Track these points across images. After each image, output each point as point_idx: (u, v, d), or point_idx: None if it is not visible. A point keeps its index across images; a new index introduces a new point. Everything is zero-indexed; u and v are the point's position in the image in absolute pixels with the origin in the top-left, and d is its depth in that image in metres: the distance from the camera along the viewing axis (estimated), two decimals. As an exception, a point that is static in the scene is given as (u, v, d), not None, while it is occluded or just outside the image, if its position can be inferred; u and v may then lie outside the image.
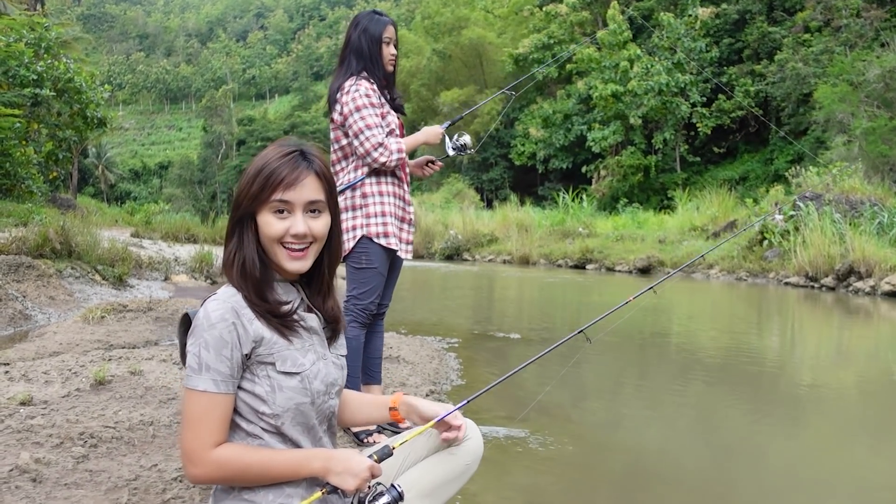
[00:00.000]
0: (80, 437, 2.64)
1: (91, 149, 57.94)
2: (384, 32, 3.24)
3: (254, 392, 1.59)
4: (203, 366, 1.53)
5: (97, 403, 3.12)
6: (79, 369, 3.66)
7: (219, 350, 1.53)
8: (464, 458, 1.84)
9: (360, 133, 3.12)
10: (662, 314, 9.40)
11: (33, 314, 6.25)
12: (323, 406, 1.69)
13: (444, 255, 23.16)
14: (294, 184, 1.60)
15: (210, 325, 1.54)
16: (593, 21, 37.34)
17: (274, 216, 1.60)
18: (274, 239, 1.61)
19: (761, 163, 29.49)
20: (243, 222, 1.62)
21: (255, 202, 1.60)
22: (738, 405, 4.55)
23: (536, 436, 3.46)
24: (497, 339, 6.59)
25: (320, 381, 1.67)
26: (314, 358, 1.68)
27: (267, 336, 1.60)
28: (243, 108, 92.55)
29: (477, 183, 39.73)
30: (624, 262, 17.24)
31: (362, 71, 3.22)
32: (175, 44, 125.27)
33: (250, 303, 1.60)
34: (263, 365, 1.60)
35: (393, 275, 3.38)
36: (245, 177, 1.63)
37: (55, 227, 8.03)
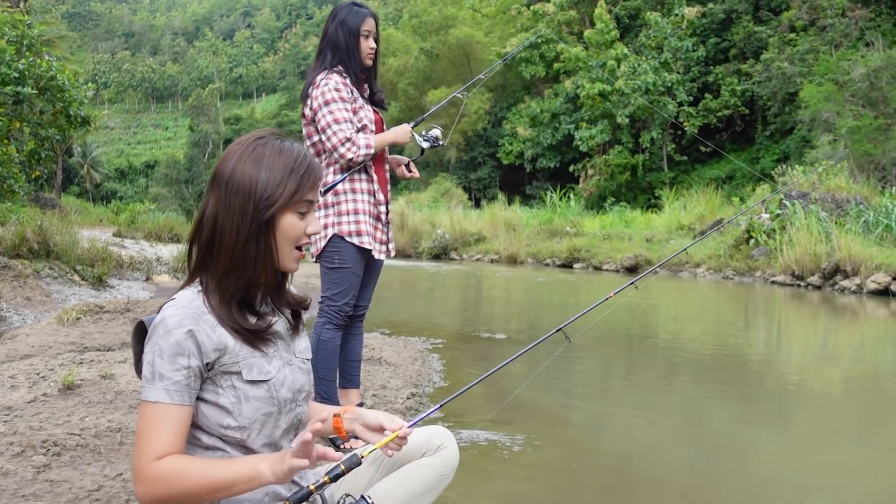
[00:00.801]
0: (43, 444, 2.53)
1: (76, 148, 57.36)
2: (363, 25, 3.14)
3: (218, 404, 1.48)
4: (156, 375, 1.41)
5: (64, 409, 3.01)
6: (47, 373, 3.55)
7: (174, 358, 1.42)
8: (438, 468, 1.75)
9: (328, 128, 3.03)
10: (649, 313, 9.35)
11: (8, 315, 6.12)
12: (290, 414, 1.59)
13: (432, 254, 23.07)
14: (318, 183, 1.56)
15: (166, 332, 1.43)
16: (580, 20, 37.32)
17: (297, 217, 1.52)
18: (295, 240, 1.53)
19: (747, 161, 29.56)
20: (269, 224, 1.50)
21: (289, 202, 1.50)
22: (725, 405, 4.49)
23: (520, 439, 3.37)
24: (482, 339, 6.51)
25: (287, 388, 1.57)
26: (280, 364, 1.58)
27: (231, 344, 1.49)
28: (230, 106, 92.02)
29: (465, 182, 39.64)
30: (611, 261, 17.20)
31: (338, 64, 3.12)
32: (161, 42, 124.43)
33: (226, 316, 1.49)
34: (228, 375, 1.49)
35: (371, 275, 3.28)
36: (272, 174, 1.50)
37: (33, 226, 7.89)
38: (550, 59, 36.00)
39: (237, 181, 1.50)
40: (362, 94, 3.21)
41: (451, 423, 3.60)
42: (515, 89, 41.49)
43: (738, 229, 14.96)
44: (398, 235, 24.58)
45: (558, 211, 24.54)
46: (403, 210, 26.15)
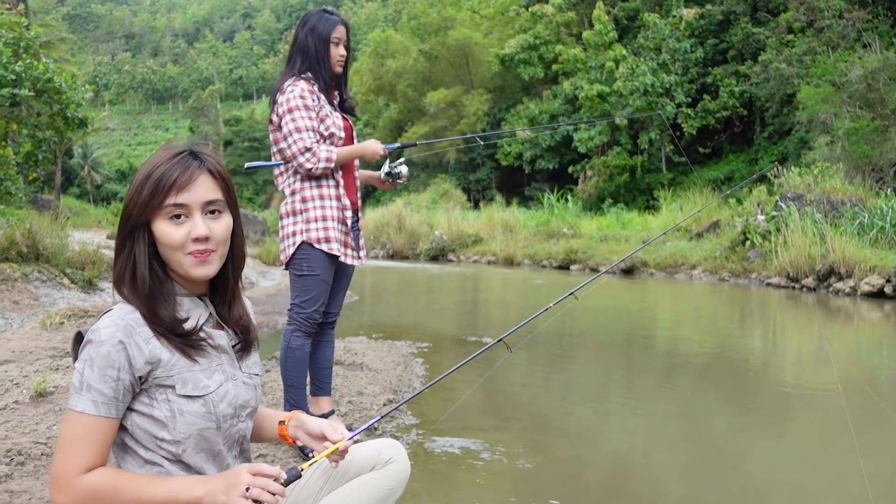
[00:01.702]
0: (7, 454, 2.52)
1: (77, 149, 57.39)
2: (333, 32, 3.13)
3: (152, 416, 1.46)
4: (84, 385, 1.39)
5: (33, 417, 3.00)
6: (21, 380, 3.53)
7: (103, 370, 1.39)
8: (387, 482, 1.73)
9: (290, 135, 3.02)
10: (644, 316, 9.33)
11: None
12: (231, 430, 1.57)
13: (429, 255, 23.04)
14: (187, 185, 1.46)
15: (98, 342, 1.40)
16: (579, 21, 37.28)
17: (170, 223, 1.46)
18: (175, 247, 1.46)
19: (746, 163, 29.50)
20: (135, 233, 1.47)
21: (146, 210, 1.45)
22: (720, 408, 4.47)
23: (493, 448, 3.35)
24: (469, 343, 6.48)
25: (227, 403, 1.54)
26: (221, 379, 1.55)
27: (165, 357, 1.46)
28: (230, 108, 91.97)
29: (464, 183, 39.62)
30: (608, 263, 17.15)
31: (307, 71, 3.11)
32: (161, 44, 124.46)
33: (148, 321, 1.46)
34: (162, 388, 1.46)
35: (341, 282, 3.27)
36: (133, 184, 1.49)
37: (22, 229, 7.87)
38: (549, 60, 35.96)
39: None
40: (331, 101, 3.19)
41: (426, 429, 3.59)
42: (514, 90, 41.44)
43: (735, 231, 14.94)
44: (396, 237, 24.58)
45: (556, 212, 24.52)
46: (401, 211, 26.14)
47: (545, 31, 36.61)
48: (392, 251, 24.28)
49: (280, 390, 3.69)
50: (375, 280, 14.51)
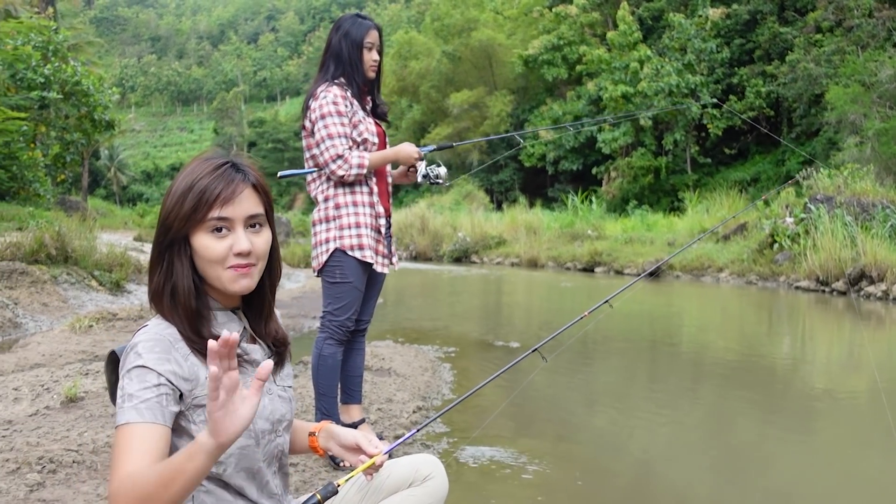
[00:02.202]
0: (39, 461, 2.51)
1: (103, 151, 58.19)
2: (366, 37, 3.09)
3: (191, 435, 1.41)
4: (125, 396, 1.34)
5: (64, 423, 2.99)
6: (52, 385, 3.54)
7: (143, 379, 1.34)
8: (424, 499, 1.68)
9: (322, 142, 2.99)
10: (671, 320, 9.23)
11: (24, 322, 6.15)
12: (269, 446, 1.53)
13: (453, 257, 23.01)
14: (232, 198, 1.42)
15: (136, 356, 1.37)
16: (603, 22, 37.08)
17: (212, 236, 1.42)
18: (216, 261, 1.42)
19: (773, 164, 29.15)
20: (174, 247, 1.43)
21: (188, 223, 1.41)
22: (749, 413, 4.39)
23: (525, 456, 3.30)
24: (496, 347, 6.43)
25: (265, 419, 1.51)
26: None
27: (203, 375, 1.41)
28: (254, 109, 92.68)
29: (487, 184, 39.55)
30: (633, 265, 17.02)
31: (340, 76, 3.08)
32: (186, 46, 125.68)
33: (186, 338, 1.42)
34: (201, 408, 1.42)
35: (373, 289, 3.23)
36: (172, 195, 1.44)
37: (51, 232, 7.94)
38: (573, 61, 35.79)
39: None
40: (364, 107, 3.16)
41: (457, 438, 3.54)
42: (537, 91, 41.29)
43: (762, 233, 14.74)
44: (419, 238, 24.58)
45: (580, 214, 24.39)
46: (424, 213, 26.13)
47: (569, 31, 36.45)
48: (415, 253, 24.28)
49: (309, 397, 3.67)
50: (399, 282, 14.49)
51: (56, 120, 20.46)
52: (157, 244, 1.46)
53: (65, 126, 21.15)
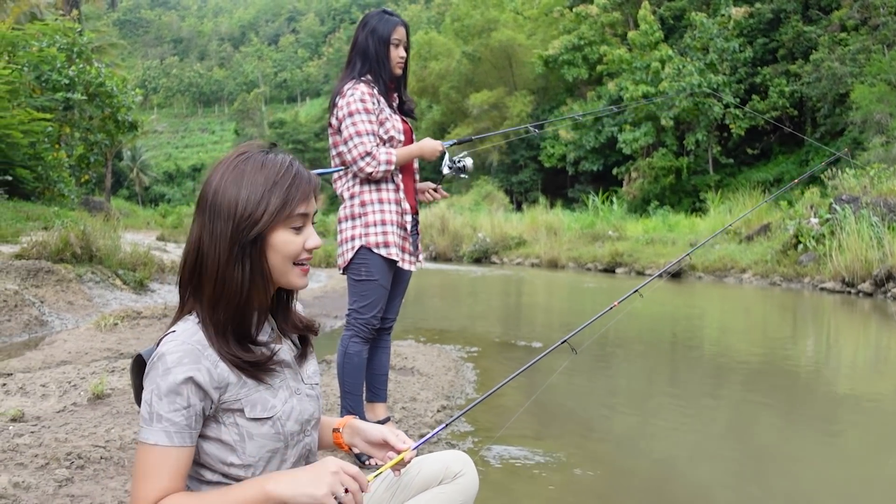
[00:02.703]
0: (67, 457, 2.52)
1: (126, 152, 58.84)
2: (393, 33, 3.07)
3: (220, 440, 1.40)
4: (154, 416, 1.32)
5: (91, 420, 3.01)
6: (79, 381, 3.56)
7: (173, 398, 1.32)
8: (456, 497, 1.66)
9: (350, 140, 2.97)
10: (693, 321, 9.14)
11: (50, 320, 6.21)
12: (298, 446, 1.52)
13: (472, 257, 22.99)
14: (309, 197, 1.43)
15: (165, 370, 1.33)
16: (624, 22, 36.89)
17: (291, 232, 1.41)
18: (293, 257, 1.42)
19: (796, 164, 28.85)
20: (255, 244, 1.39)
21: (275, 219, 1.39)
22: (772, 415, 4.33)
23: (553, 456, 3.27)
24: (518, 347, 6.40)
25: (294, 420, 1.49)
26: (286, 395, 1.49)
27: (233, 381, 1.39)
28: (275, 110, 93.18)
29: (506, 185, 39.48)
30: (654, 266, 16.90)
31: (367, 73, 3.07)
32: (208, 48, 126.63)
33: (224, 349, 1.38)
34: (230, 412, 1.40)
35: (398, 287, 3.21)
36: (252, 191, 1.39)
37: (76, 231, 8.01)
38: (593, 61, 35.64)
39: (218, 203, 1.40)
40: (391, 104, 3.14)
41: (481, 437, 3.52)
42: (558, 92, 41.16)
43: (786, 234, 14.58)
44: (439, 239, 24.59)
45: (601, 214, 24.26)
46: (444, 213, 26.12)
47: (589, 31, 36.30)
48: (435, 253, 24.28)
49: (333, 395, 3.67)
50: (420, 282, 14.49)
51: (80, 121, 20.71)
52: (232, 240, 1.39)
53: (89, 127, 21.40)
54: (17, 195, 14.81)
